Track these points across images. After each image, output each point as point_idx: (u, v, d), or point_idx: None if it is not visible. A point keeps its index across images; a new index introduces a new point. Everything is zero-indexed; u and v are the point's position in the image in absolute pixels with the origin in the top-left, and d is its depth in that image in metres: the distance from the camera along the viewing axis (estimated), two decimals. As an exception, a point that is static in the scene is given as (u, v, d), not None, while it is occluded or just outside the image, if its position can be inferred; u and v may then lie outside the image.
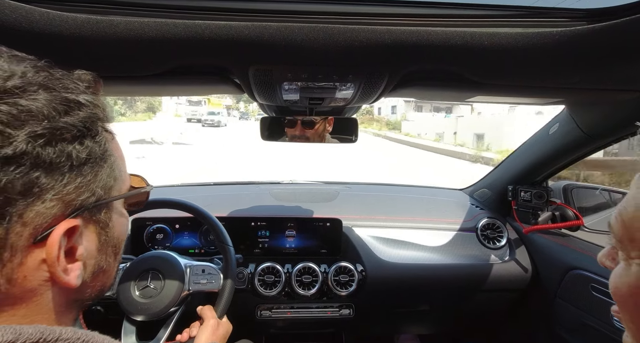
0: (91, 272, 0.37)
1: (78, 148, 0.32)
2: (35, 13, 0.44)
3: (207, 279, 0.89)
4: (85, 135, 0.33)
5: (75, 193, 0.32)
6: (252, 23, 0.47)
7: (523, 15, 0.51)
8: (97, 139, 0.34)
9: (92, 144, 0.34)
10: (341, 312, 1.23)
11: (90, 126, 0.34)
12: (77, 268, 0.34)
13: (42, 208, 0.30)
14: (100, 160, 0.35)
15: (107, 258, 0.39)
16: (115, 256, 0.41)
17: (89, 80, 0.37)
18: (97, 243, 0.37)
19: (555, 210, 1.16)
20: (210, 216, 0.97)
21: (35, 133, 0.29)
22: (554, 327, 1.18)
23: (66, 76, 0.35)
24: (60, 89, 0.32)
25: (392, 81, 0.63)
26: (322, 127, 1.04)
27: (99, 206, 0.36)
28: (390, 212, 1.40)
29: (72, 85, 0.34)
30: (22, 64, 0.31)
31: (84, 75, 0.37)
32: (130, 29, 0.46)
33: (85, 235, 0.35)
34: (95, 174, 0.34)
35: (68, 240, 0.33)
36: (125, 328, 0.83)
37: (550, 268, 1.20)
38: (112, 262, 0.41)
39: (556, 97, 0.80)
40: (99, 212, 0.36)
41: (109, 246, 0.39)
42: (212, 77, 0.65)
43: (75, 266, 0.34)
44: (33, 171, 0.29)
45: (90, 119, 0.34)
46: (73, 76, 0.36)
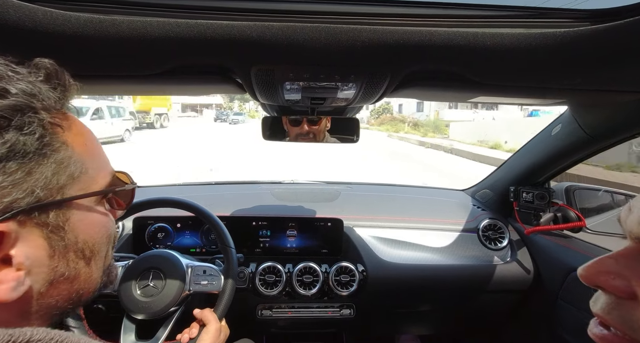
0: (46, 281, 0.33)
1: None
2: (39, 12, 0.44)
3: (208, 280, 0.89)
4: (5, 127, 0.29)
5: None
6: (254, 23, 0.47)
7: (526, 15, 0.51)
8: (25, 131, 0.30)
9: (18, 137, 0.29)
10: (342, 312, 1.23)
11: (11, 115, 0.29)
12: (12, 279, 0.30)
13: None
14: (36, 156, 0.31)
15: (69, 264, 0.35)
16: (86, 262, 0.37)
17: (46, 67, 0.34)
18: (47, 249, 0.33)
19: (557, 211, 1.16)
20: (212, 216, 0.97)
21: None
22: (555, 328, 1.17)
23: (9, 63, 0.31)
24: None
25: (394, 81, 0.63)
26: (324, 122, 1.05)
27: (42, 207, 0.31)
28: (392, 212, 1.40)
29: (6, 72, 0.31)
30: None
31: (42, 63, 0.34)
32: (132, 28, 0.46)
33: (26, 241, 0.31)
34: (29, 172, 0.30)
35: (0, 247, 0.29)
36: (125, 326, 0.83)
37: (552, 270, 1.19)
38: (83, 268, 0.37)
39: (559, 98, 0.80)
40: (44, 214, 0.32)
41: (70, 251, 0.35)
42: (214, 77, 0.65)
43: (9, 277, 0.30)
44: None
45: (13, 108, 0.29)
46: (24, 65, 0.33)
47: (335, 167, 7.54)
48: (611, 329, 0.30)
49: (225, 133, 16.95)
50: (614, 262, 0.31)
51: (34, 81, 0.32)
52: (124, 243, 1.18)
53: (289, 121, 1.04)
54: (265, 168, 7.34)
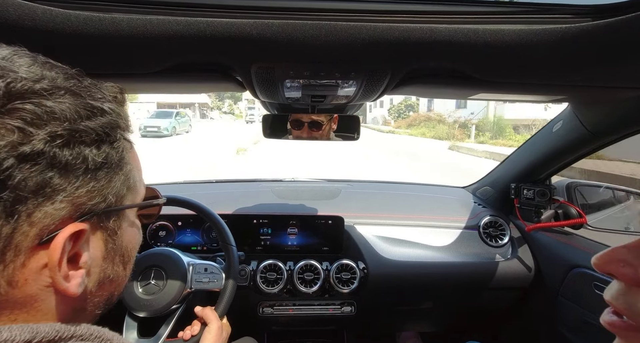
0: (96, 281, 0.37)
1: (95, 152, 0.32)
2: (38, 10, 0.44)
3: (210, 278, 0.89)
4: (104, 140, 0.33)
5: (86, 197, 0.32)
6: (255, 20, 0.47)
7: (527, 11, 0.50)
8: (114, 146, 0.35)
9: (110, 150, 0.34)
10: (343, 310, 1.23)
11: (109, 132, 0.34)
12: (79, 276, 0.33)
13: (51, 209, 0.30)
14: (116, 167, 0.35)
15: (114, 267, 0.38)
16: (124, 266, 0.40)
17: (115, 91, 0.38)
18: (103, 251, 0.36)
19: (558, 208, 1.15)
20: (213, 214, 0.98)
21: (55, 133, 0.29)
22: (556, 325, 1.17)
23: (94, 84, 0.35)
24: (86, 95, 0.33)
25: (395, 79, 0.63)
26: (328, 127, 1.04)
27: (108, 212, 0.35)
28: (392, 210, 1.40)
29: (98, 93, 0.35)
30: (54, 70, 0.32)
31: (112, 87, 0.38)
32: (132, 26, 0.46)
33: (91, 242, 0.35)
34: (109, 181, 0.34)
35: (73, 245, 0.32)
36: (127, 324, 0.84)
37: (553, 267, 1.20)
38: (121, 272, 0.40)
39: (560, 95, 0.80)
40: (108, 219, 0.36)
41: (117, 255, 0.38)
42: (214, 75, 0.65)
43: (78, 274, 0.33)
44: (48, 170, 0.29)
45: (110, 126, 0.34)
46: (101, 86, 0.37)
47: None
48: (623, 317, 0.32)
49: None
50: (626, 251, 0.32)
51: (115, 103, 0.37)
52: None
53: (291, 124, 1.03)
54: (265, 166, 7.34)
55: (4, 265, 0.29)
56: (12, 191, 0.27)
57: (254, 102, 39.10)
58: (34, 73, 0.30)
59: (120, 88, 0.39)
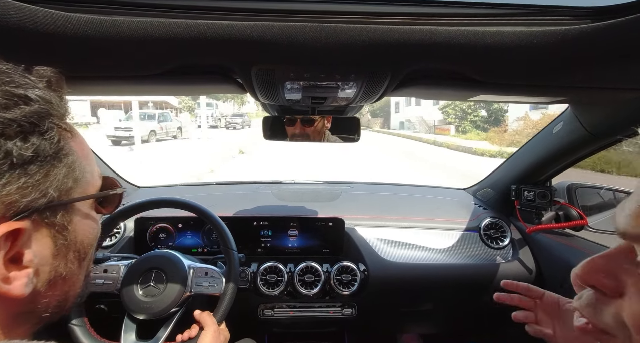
0: (47, 280, 0.34)
1: (20, 145, 0.29)
2: (39, 13, 0.44)
3: (209, 282, 0.88)
4: (31, 131, 0.30)
5: (18, 194, 0.30)
6: (255, 23, 0.47)
7: (527, 13, 0.50)
8: (46, 137, 0.32)
9: (40, 141, 0.31)
10: (343, 312, 1.23)
11: (37, 121, 0.31)
12: (24, 276, 0.31)
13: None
14: (52, 159, 0.32)
15: (67, 264, 0.36)
16: (79, 263, 0.38)
17: (49, 76, 0.35)
18: (52, 248, 0.34)
19: (559, 210, 1.15)
20: (215, 217, 0.97)
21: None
22: None
23: (15, 69, 0.32)
24: (5, 83, 0.30)
25: (395, 80, 0.63)
26: (321, 124, 1.04)
27: (52, 207, 0.33)
28: (393, 211, 1.39)
29: (21, 80, 0.32)
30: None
31: (44, 71, 0.35)
32: (133, 29, 0.46)
33: (36, 239, 0.32)
34: (46, 174, 0.32)
35: (11, 244, 0.30)
36: (126, 326, 0.83)
37: (554, 268, 1.19)
38: (76, 269, 0.38)
39: (560, 97, 0.80)
40: (53, 214, 0.33)
41: (70, 251, 0.36)
42: (214, 77, 0.65)
43: (22, 274, 0.31)
44: None
45: (37, 115, 0.31)
46: (28, 71, 0.34)
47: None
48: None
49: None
50: (605, 261, 0.32)
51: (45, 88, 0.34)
52: (126, 243, 1.18)
53: (285, 121, 1.04)
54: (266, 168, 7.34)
55: None
56: None
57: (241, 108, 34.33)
58: None
59: (55, 72, 0.36)
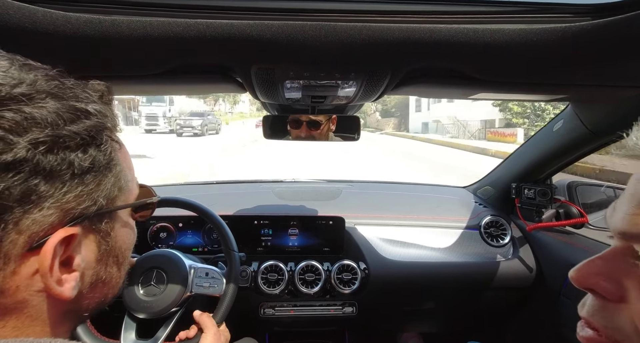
0: (89, 283, 0.36)
1: (81, 156, 0.31)
2: (39, 13, 0.44)
3: (210, 283, 0.88)
4: (90, 143, 0.32)
5: (75, 202, 0.32)
6: (254, 21, 0.47)
7: (527, 11, 0.50)
8: (102, 148, 0.34)
9: (97, 152, 0.33)
10: (344, 310, 1.23)
11: (95, 134, 0.33)
12: (73, 279, 0.33)
13: (39, 215, 0.29)
14: (105, 169, 0.35)
15: (107, 268, 0.38)
16: (118, 267, 0.40)
17: (101, 90, 0.37)
18: (96, 253, 0.36)
19: (560, 208, 1.15)
20: (217, 218, 0.97)
21: (37, 140, 0.28)
22: (558, 325, 1.17)
23: (78, 85, 0.34)
24: (70, 98, 0.32)
25: (395, 79, 0.63)
26: (326, 127, 1.04)
27: (100, 215, 0.35)
28: (393, 210, 1.39)
29: (83, 94, 0.34)
30: (33, 73, 0.31)
31: (98, 85, 0.37)
32: (132, 28, 0.46)
33: (84, 245, 0.34)
34: (98, 183, 0.34)
35: (65, 249, 0.32)
36: (126, 324, 0.83)
37: (555, 266, 1.19)
38: (115, 273, 0.40)
39: (560, 94, 0.80)
40: (100, 221, 0.35)
41: (110, 256, 0.38)
42: (214, 76, 0.65)
43: (71, 277, 0.33)
44: (32, 178, 0.28)
45: (96, 128, 0.33)
46: (86, 86, 0.36)
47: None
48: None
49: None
50: (603, 263, 0.30)
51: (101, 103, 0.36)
52: None
53: (290, 123, 1.03)
54: (266, 166, 7.34)
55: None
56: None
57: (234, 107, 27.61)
58: (11, 77, 0.29)
59: (106, 86, 0.38)
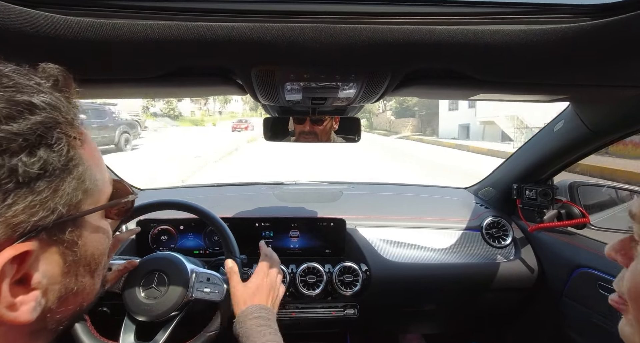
0: (57, 298, 0.32)
1: (26, 161, 0.26)
2: (40, 17, 0.44)
3: (211, 288, 0.88)
4: (37, 144, 0.27)
5: (25, 214, 0.27)
6: (254, 24, 0.47)
7: (526, 12, 0.50)
8: (55, 149, 0.28)
9: (48, 154, 0.28)
10: (346, 312, 1.23)
11: (44, 133, 0.28)
12: (32, 300, 0.29)
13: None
14: (62, 172, 0.29)
15: (78, 278, 0.34)
16: (91, 275, 0.36)
17: (56, 75, 0.32)
18: (62, 266, 0.32)
19: (561, 208, 1.15)
20: (220, 221, 0.97)
21: None
22: (561, 326, 1.17)
23: (20, 71, 0.29)
24: (7, 88, 0.27)
25: (395, 80, 0.63)
26: (329, 124, 1.05)
27: (61, 224, 0.30)
28: (394, 211, 1.39)
29: (28, 83, 0.28)
30: None
31: (50, 69, 0.31)
32: (133, 31, 0.46)
33: (44, 259, 0.30)
34: (55, 190, 0.29)
35: (18, 267, 0.28)
36: (125, 326, 0.83)
37: (557, 267, 1.19)
38: (88, 281, 0.36)
39: (561, 95, 0.80)
40: (62, 231, 0.31)
41: (80, 266, 0.34)
42: (214, 79, 0.65)
43: (29, 298, 0.29)
44: None
45: (44, 125, 0.28)
46: (33, 72, 0.30)
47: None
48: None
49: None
50: (621, 243, 0.40)
51: (53, 92, 0.30)
52: (128, 245, 1.18)
53: (294, 119, 1.04)
54: (267, 169, 7.34)
55: None
56: None
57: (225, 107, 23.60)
58: None
59: (61, 70, 0.32)
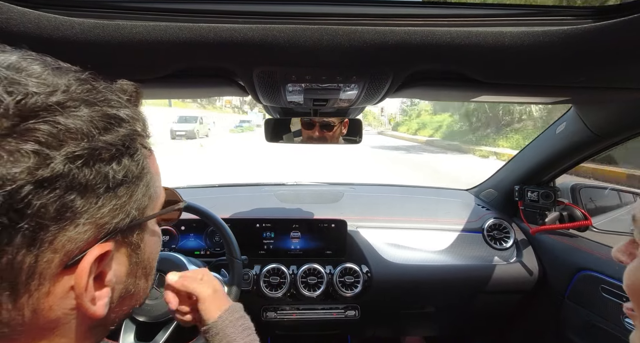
0: (118, 297, 0.35)
1: (115, 168, 0.29)
2: (44, 18, 0.45)
3: None
4: (124, 154, 0.30)
5: (109, 216, 0.30)
6: (256, 25, 0.47)
7: (528, 14, 0.50)
8: (135, 158, 0.32)
9: (130, 163, 0.31)
10: (346, 314, 1.22)
11: (129, 144, 0.31)
12: (105, 296, 0.32)
13: (74, 233, 0.27)
14: (137, 179, 0.32)
15: (136, 280, 0.36)
16: (146, 278, 0.38)
17: (130, 91, 0.35)
18: (127, 266, 0.35)
19: (563, 210, 1.15)
20: (221, 223, 0.97)
21: (74, 153, 0.26)
22: (563, 329, 1.16)
23: (108, 87, 0.33)
24: (102, 103, 0.30)
25: (397, 82, 0.63)
26: (339, 130, 1.04)
27: (131, 227, 0.33)
28: (396, 213, 1.39)
29: (114, 98, 0.32)
30: (66, 77, 0.29)
31: (126, 85, 0.35)
32: (136, 33, 0.47)
33: (116, 259, 0.33)
34: (131, 195, 0.32)
35: (98, 265, 0.30)
36: (126, 326, 0.83)
37: (559, 270, 1.18)
38: (143, 284, 0.38)
39: (563, 97, 0.79)
40: (131, 234, 0.34)
41: (139, 268, 0.36)
42: (216, 80, 0.65)
43: (103, 294, 0.32)
44: (68, 194, 0.26)
45: (129, 137, 0.31)
46: (115, 87, 0.34)
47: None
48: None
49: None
50: (626, 245, 0.43)
51: (131, 106, 0.34)
52: None
53: (302, 124, 1.04)
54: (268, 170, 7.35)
55: (29, 295, 0.27)
56: (32, 220, 0.25)
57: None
58: (45, 84, 0.27)
59: (134, 86, 0.35)
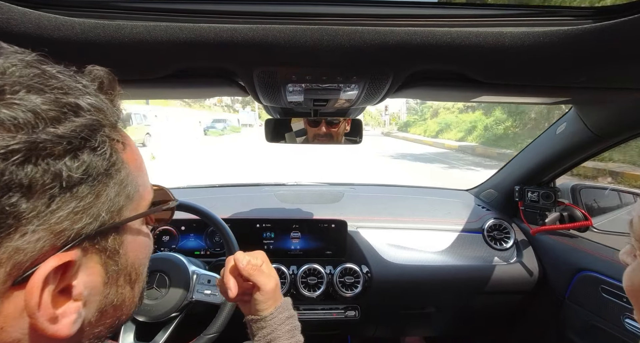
0: (97, 310, 0.31)
1: (70, 165, 0.25)
2: (44, 19, 0.45)
3: (212, 290, 0.88)
4: (81, 147, 0.26)
5: (69, 221, 0.26)
6: (257, 25, 0.47)
7: (528, 14, 0.50)
8: (98, 152, 0.28)
9: (91, 158, 0.27)
10: (347, 314, 1.22)
11: (88, 135, 0.27)
12: (73, 312, 0.28)
13: (22, 242, 0.24)
14: (104, 177, 0.28)
15: (118, 290, 0.32)
16: (131, 286, 0.34)
17: (101, 76, 0.31)
18: (103, 276, 0.30)
19: (564, 211, 1.14)
20: (222, 223, 0.97)
21: (7, 148, 0.22)
22: (563, 329, 1.16)
23: (67, 72, 0.29)
24: (53, 90, 0.26)
25: (397, 82, 0.63)
26: (343, 126, 1.05)
27: (103, 232, 0.29)
28: (396, 213, 1.39)
29: (73, 84, 0.28)
30: (8, 60, 0.25)
31: (97, 71, 0.31)
32: (136, 33, 0.47)
33: (86, 269, 0.29)
34: (97, 195, 0.28)
35: (61, 277, 0.27)
36: (126, 326, 0.83)
37: (559, 270, 1.18)
38: (128, 293, 0.34)
39: (563, 97, 0.79)
40: (104, 239, 0.29)
41: (121, 276, 0.32)
42: (216, 80, 0.65)
43: (71, 310, 0.27)
44: (6, 196, 0.23)
45: (89, 128, 0.27)
46: (80, 73, 0.30)
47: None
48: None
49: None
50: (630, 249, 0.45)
51: (98, 94, 0.30)
52: None
53: (308, 122, 1.04)
54: (268, 170, 7.35)
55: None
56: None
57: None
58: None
59: (106, 72, 0.32)
